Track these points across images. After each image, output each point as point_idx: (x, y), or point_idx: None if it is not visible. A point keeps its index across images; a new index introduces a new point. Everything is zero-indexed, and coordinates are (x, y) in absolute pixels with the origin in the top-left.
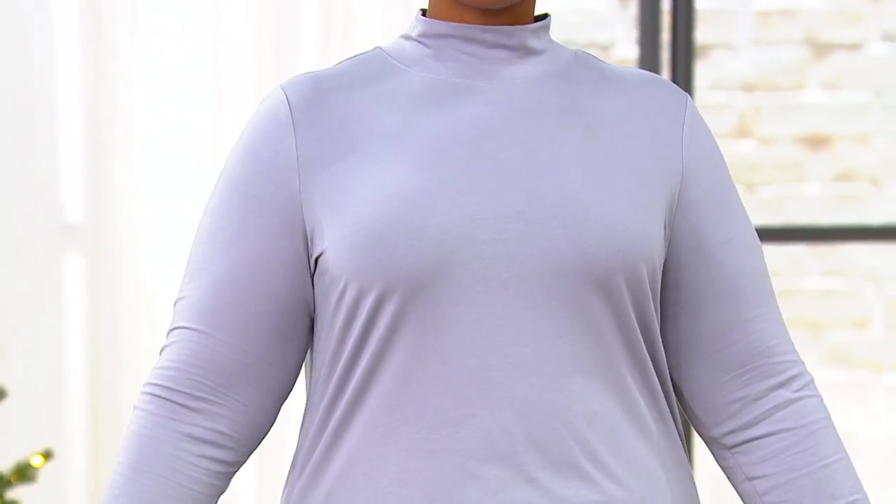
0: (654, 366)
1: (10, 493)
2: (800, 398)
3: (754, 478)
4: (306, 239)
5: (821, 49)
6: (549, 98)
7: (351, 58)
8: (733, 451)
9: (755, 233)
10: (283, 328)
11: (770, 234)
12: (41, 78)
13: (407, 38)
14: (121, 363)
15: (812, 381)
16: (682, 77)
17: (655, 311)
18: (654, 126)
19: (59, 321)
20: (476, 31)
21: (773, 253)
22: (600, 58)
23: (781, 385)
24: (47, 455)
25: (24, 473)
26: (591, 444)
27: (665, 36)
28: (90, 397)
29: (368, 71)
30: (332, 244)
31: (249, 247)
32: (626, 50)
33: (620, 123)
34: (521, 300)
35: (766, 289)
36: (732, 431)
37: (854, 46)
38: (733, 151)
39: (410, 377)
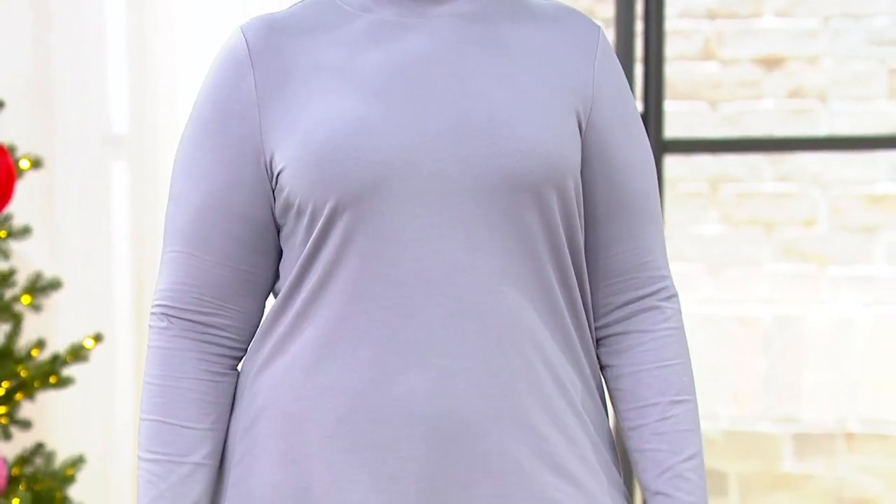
0: (574, 270)
1: (66, 371)
2: (657, 307)
3: (606, 366)
4: (267, 163)
5: None
6: (476, 30)
7: (302, 1)
8: (599, 343)
9: (653, 161)
10: (258, 243)
11: (731, 145)
12: (91, 4)
13: None
14: (160, 257)
15: (675, 296)
16: (655, 6)
17: (580, 225)
18: (569, 55)
19: (106, 220)
20: None
21: (734, 161)
22: None
23: (647, 295)
24: (98, 338)
25: (77, 354)
26: (516, 339)
27: None
28: (134, 287)
29: (319, 15)
30: (289, 164)
31: (221, 175)
32: None
33: (539, 53)
34: (455, 212)
35: (654, 211)
36: (599, 327)
37: None
38: (699, 71)
39: (362, 276)
